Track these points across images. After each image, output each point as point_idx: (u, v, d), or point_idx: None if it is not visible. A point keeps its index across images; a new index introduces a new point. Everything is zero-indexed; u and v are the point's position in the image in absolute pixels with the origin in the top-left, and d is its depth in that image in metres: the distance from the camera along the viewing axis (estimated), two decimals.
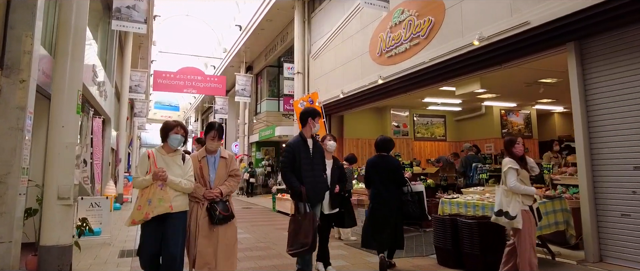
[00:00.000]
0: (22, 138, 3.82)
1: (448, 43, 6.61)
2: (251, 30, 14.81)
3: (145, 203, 3.14)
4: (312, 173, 4.00)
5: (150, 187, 3.18)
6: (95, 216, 6.11)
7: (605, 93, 4.70)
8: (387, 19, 8.12)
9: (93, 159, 7.95)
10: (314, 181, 3.98)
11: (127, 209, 11.43)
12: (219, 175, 3.57)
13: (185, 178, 3.30)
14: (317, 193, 4.01)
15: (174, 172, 3.26)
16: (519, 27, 5.37)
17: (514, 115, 11.93)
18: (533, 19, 5.21)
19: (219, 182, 3.56)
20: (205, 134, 3.58)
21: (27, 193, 4.65)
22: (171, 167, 3.27)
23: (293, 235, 3.84)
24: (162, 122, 3.42)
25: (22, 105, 3.92)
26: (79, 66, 4.21)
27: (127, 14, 8.21)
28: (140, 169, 3.26)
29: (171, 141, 3.32)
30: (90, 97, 7.95)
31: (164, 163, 3.27)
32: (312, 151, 4.09)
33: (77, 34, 4.21)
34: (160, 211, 3.14)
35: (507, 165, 3.72)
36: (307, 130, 4.16)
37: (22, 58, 4.04)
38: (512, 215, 3.59)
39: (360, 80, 8.95)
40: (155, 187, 3.18)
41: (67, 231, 4.02)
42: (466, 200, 5.36)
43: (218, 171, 3.57)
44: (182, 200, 3.32)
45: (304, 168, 3.95)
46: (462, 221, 4.60)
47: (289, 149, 4.03)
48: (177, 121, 3.45)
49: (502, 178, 3.81)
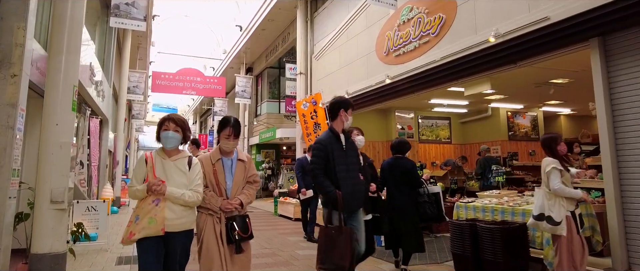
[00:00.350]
0: (13, 137, 3.54)
1: (460, 41, 6.36)
2: (252, 30, 14.55)
3: (132, 220, 2.60)
4: (348, 174, 3.30)
5: (145, 199, 2.59)
6: (91, 221, 5.82)
7: (632, 92, 4.44)
8: (395, 17, 7.87)
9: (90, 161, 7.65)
10: (351, 184, 3.29)
11: (124, 213, 11.12)
12: (236, 182, 2.97)
13: (190, 188, 2.70)
14: (355, 199, 3.32)
15: (176, 181, 2.65)
16: (538, 22, 5.12)
17: (520, 117, 11.70)
18: (553, 14, 4.96)
19: (237, 190, 2.97)
20: (219, 131, 3.02)
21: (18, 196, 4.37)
22: (173, 175, 2.68)
23: (325, 250, 3.19)
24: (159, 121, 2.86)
25: (13, 101, 3.64)
26: (75, 60, 3.94)
27: (126, 10, 7.94)
28: (136, 176, 2.68)
29: (163, 141, 2.72)
30: (87, 97, 7.67)
31: (163, 170, 2.68)
32: (346, 148, 3.40)
33: (73, 26, 3.93)
34: (146, 234, 2.51)
35: (550, 164, 3.43)
36: (338, 124, 3.44)
37: (14, 51, 3.76)
38: (556, 221, 3.29)
39: (366, 80, 8.70)
40: (148, 202, 2.57)
41: (60, 238, 3.73)
42: (483, 204, 5.09)
43: (235, 177, 2.98)
44: (188, 217, 2.70)
45: (338, 168, 3.26)
46: (483, 226, 4.33)
47: (321, 147, 3.31)
48: (168, 115, 2.80)
49: (543, 180, 3.53)
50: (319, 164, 3.28)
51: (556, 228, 3.30)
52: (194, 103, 28.95)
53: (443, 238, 6.42)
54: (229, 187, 2.95)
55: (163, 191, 2.57)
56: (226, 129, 2.96)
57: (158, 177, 2.62)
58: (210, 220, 2.85)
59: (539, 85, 8.71)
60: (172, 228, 2.59)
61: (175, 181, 2.65)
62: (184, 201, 2.65)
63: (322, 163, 3.27)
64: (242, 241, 2.84)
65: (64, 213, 3.75)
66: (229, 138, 2.97)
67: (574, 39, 4.95)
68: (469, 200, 5.51)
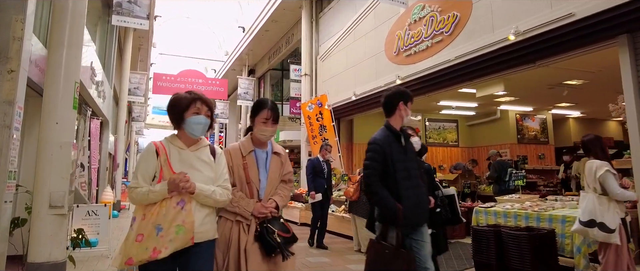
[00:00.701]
0: (9, 137, 3.29)
1: (476, 40, 6.14)
2: (255, 31, 14.34)
3: (152, 232, 1.88)
4: (410, 181, 2.67)
5: (160, 203, 1.94)
6: (92, 226, 5.56)
7: None
8: (406, 16, 7.66)
9: (90, 163, 7.40)
10: (415, 194, 2.67)
11: (125, 217, 10.85)
12: (271, 180, 2.39)
13: (219, 185, 2.11)
14: (420, 212, 2.72)
15: (201, 177, 2.05)
16: (561, 19, 4.90)
17: (529, 120, 11.48)
18: (578, 10, 4.74)
19: (271, 191, 2.40)
20: (253, 116, 2.43)
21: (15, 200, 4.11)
22: (197, 168, 2.07)
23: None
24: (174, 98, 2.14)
25: (10, 98, 3.39)
26: (77, 54, 3.69)
27: (129, 8, 7.71)
28: (142, 173, 2.01)
29: (190, 127, 2.06)
30: (87, 97, 7.43)
31: (181, 162, 2.04)
32: (406, 150, 2.78)
33: (75, 18, 3.69)
34: (178, 247, 1.90)
35: (602, 168, 3.19)
36: (395, 120, 2.80)
37: (11, 45, 3.52)
38: (611, 228, 3.02)
39: (375, 81, 8.47)
40: (170, 205, 1.93)
41: (59, 246, 3.47)
42: (505, 208, 4.85)
43: (270, 173, 2.39)
44: (211, 222, 2.10)
45: (399, 175, 2.63)
46: (508, 232, 4.09)
47: (377, 148, 2.68)
48: (197, 94, 2.14)
49: (588, 183, 3.28)
50: (375, 169, 2.64)
51: (610, 236, 3.03)
52: None
53: (458, 244, 6.17)
54: (262, 186, 2.36)
55: (193, 189, 1.96)
56: (263, 111, 2.37)
57: (177, 171, 2.00)
58: (235, 229, 2.26)
59: (552, 87, 8.50)
60: (198, 238, 1.98)
61: (198, 176, 2.03)
62: (214, 201, 2.05)
63: (379, 167, 2.64)
64: (287, 243, 2.29)
65: (64, 218, 3.50)
66: (266, 123, 2.36)
67: (600, 36, 4.73)
68: (489, 204, 5.27)
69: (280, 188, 2.48)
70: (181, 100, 2.09)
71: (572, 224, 4.02)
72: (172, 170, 2.00)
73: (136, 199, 1.98)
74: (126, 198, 13.07)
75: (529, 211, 4.51)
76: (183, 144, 2.10)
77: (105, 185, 10.51)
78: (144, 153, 2.09)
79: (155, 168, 2.02)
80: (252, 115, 2.45)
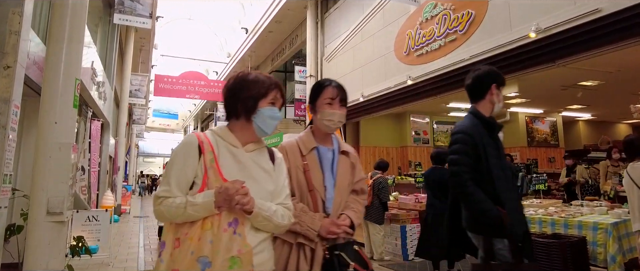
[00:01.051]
0: (5, 137, 3.04)
1: (492, 38, 5.91)
2: (258, 32, 14.11)
3: (192, 267, 1.30)
4: (508, 184, 2.14)
5: (202, 224, 1.35)
6: (92, 232, 5.31)
7: None
8: (417, 15, 7.43)
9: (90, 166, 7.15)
10: (514, 197, 2.14)
11: (125, 221, 10.60)
12: (340, 188, 1.80)
13: (279, 203, 1.52)
14: (521, 221, 2.14)
15: (258, 190, 1.44)
16: (586, 15, 4.68)
17: (539, 123, 11.26)
18: (604, 5, 4.51)
19: (341, 203, 1.80)
20: (313, 100, 1.90)
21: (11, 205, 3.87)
22: (254, 177, 1.48)
23: None
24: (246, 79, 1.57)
25: (6, 96, 3.15)
26: (78, 49, 3.45)
27: (131, 7, 7.49)
28: (177, 178, 1.42)
29: (263, 122, 1.51)
30: (88, 98, 7.20)
31: (235, 167, 1.46)
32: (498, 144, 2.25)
33: (76, 10, 3.45)
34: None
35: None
36: (485, 107, 2.27)
37: (8, 39, 3.28)
38: None
39: (385, 82, 8.23)
40: (219, 226, 1.35)
41: (58, 255, 3.21)
42: (529, 214, 4.60)
43: (339, 179, 1.81)
44: (268, 249, 1.50)
45: (496, 173, 2.07)
46: (537, 240, 3.84)
47: (466, 138, 2.13)
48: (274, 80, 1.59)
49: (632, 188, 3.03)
50: (467, 165, 2.07)
51: None
52: (195, 109, 28.46)
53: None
54: (329, 196, 1.77)
55: (252, 206, 1.37)
56: (326, 89, 1.83)
57: (228, 178, 1.40)
58: (295, 256, 1.66)
59: (566, 88, 8.28)
60: None
61: (256, 188, 1.43)
62: (275, 225, 1.45)
63: (470, 164, 2.07)
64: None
65: (63, 225, 3.25)
66: (332, 104, 1.81)
67: (629, 33, 4.49)
68: None
69: (352, 202, 1.85)
70: (259, 83, 1.53)
71: (605, 231, 3.79)
72: (221, 177, 1.40)
73: (166, 214, 1.38)
74: (127, 202, 12.81)
75: (555, 218, 4.27)
76: (237, 141, 1.51)
77: (106, 188, 10.27)
78: (180, 149, 1.47)
79: (195, 171, 1.42)
80: (312, 100, 1.90)
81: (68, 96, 3.33)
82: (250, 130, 1.53)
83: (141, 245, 7.11)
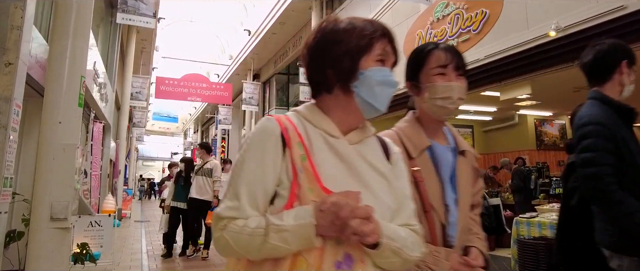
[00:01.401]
0: (5, 138, 2.85)
1: (508, 37, 5.75)
2: (261, 34, 13.96)
3: None
4: None
5: (293, 261, 0.84)
6: (95, 238, 5.10)
7: None
8: (427, 14, 7.27)
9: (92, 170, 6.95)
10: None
11: (126, 226, 10.39)
12: (463, 205, 1.27)
13: (404, 223, 0.97)
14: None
15: (381, 206, 0.92)
16: (609, 13, 4.52)
17: (548, 125, 11.09)
18: (629, 2, 4.36)
19: (465, 227, 1.28)
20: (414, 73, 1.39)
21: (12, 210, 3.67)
22: (367, 183, 0.94)
23: None
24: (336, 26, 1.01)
25: (7, 95, 2.95)
26: (84, 46, 3.27)
27: (134, 6, 7.31)
28: (250, 186, 0.88)
29: (368, 91, 0.96)
30: (90, 99, 7.01)
31: (340, 168, 0.93)
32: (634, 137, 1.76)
33: (80, 6, 3.27)
34: None
35: None
36: (613, 90, 1.80)
37: (9, 34, 3.09)
38: None
39: None
40: (323, 268, 0.83)
41: (61, 263, 3.01)
42: (551, 220, 4.41)
43: (461, 193, 1.27)
44: None
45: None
46: None
47: (604, 132, 1.66)
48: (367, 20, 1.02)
49: None
50: (609, 164, 1.59)
51: None
52: (196, 112, 28.25)
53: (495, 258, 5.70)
54: (451, 220, 1.23)
55: (377, 236, 0.84)
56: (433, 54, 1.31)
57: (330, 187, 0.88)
58: None
59: (578, 90, 8.09)
60: None
61: (376, 202, 0.90)
62: (404, 260, 0.91)
63: (612, 163, 1.60)
64: None
65: (67, 232, 3.04)
66: (445, 73, 1.28)
67: None
68: (529, 215, 4.84)
69: (472, 224, 1.33)
70: (356, 31, 0.98)
71: None
72: (320, 185, 0.88)
73: (234, 245, 0.86)
74: (128, 206, 12.58)
75: None
76: (335, 128, 0.98)
77: (106, 192, 10.06)
78: (254, 138, 0.93)
79: (278, 175, 0.90)
80: (412, 74, 1.37)
81: (73, 94, 3.14)
82: (352, 109, 0.98)
83: (144, 251, 6.91)
